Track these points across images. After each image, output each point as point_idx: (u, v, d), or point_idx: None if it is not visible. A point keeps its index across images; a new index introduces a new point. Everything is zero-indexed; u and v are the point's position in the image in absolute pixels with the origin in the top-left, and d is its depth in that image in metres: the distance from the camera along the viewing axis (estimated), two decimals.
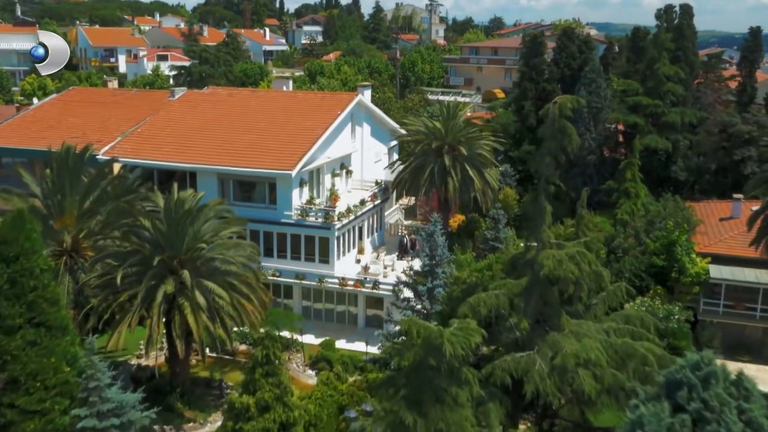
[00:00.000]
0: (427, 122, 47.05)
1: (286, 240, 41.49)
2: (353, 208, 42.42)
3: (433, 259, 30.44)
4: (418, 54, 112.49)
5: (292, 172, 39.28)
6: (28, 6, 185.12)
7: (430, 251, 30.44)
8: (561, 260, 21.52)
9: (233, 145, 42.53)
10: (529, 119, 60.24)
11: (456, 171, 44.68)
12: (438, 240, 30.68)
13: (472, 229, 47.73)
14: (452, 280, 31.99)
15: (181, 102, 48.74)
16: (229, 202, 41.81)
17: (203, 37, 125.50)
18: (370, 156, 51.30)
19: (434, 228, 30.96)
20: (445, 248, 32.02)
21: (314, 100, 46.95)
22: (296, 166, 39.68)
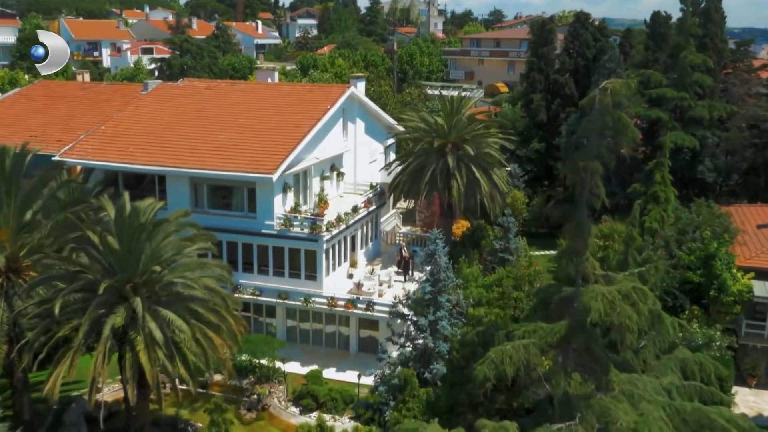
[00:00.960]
0: (428, 118, 41.82)
1: (268, 253, 36.33)
2: (344, 217, 37.24)
3: (435, 285, 25.23)
4: (416, 46, 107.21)
5: (273, 176, 34.10)
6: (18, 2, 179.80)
7: (431, 275, 25.23)
8: (613, 301, 16.38)
9: (208, 145, 37.32)
10: (539, 114, 55.17)
11: (461, 173, 39.50)
12: (441, 260, 25.45)
13: (479, 238, 42.58)
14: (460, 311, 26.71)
15: (152, 96, 43.51)
16: (203, 210, 36.84)
17: (192, 30, 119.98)
18: (365, 156, 46.12)
19: (435, 247, 25.73)
20: (450, 270, 26.70)
21: (301, 93, 41.76)
22: (278, 169, 34.49)
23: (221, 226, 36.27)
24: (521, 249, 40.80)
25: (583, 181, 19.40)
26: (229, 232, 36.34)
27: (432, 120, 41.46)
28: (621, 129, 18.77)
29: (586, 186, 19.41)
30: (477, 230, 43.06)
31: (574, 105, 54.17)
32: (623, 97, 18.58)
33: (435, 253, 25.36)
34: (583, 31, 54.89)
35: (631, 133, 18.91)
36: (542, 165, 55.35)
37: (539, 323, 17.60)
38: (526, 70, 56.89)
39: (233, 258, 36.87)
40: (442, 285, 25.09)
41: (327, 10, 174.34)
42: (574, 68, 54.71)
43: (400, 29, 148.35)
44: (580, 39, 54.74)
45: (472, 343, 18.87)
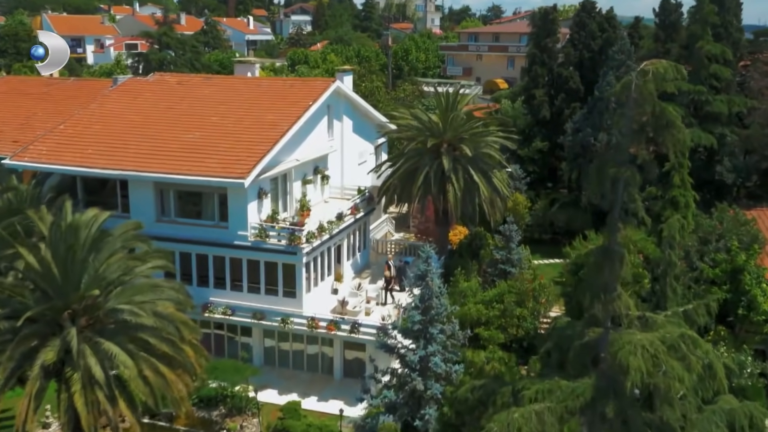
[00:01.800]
0: (421, 115, 37.92)
1: (242, 267, 32.47)
2: (327, 226, 33.36)
3: (426, 313, 21.28)
4: (412, 42, 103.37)
5: (245, 181, 30.21)
6: None
7: (421, 301, 21.30)
8: (656, 355, 12.46)
9: (174, 146, 33.44)
10: (542, 111, 51.24)
11: (457, 176, 35.62)
12: (433, 284, 21.45)
13: (477, 247, 38.71)
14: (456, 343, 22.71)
15: (118, 93, 39.59)
16: (170, 219, 33.00)
17: (180, 26, 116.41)
18: (353, 157, 42.25)
19: (427, 267, 21.75)
20: (444, 294, 22.63)
21: (281, 88, 37.86)
22: (251, 173, 30.61)
23: (190, 237, 32.54)
24: (524, 260, 36.96)
25: (613, 195, 15.46)
26: (198, 243, 32.56)
27: (425, 117, 37.58)
28: (665, 125, 14.87)
29: (618, 201, 15.49)
30: (475, 238, 39.18)
31: (580, 100, 50.33)
32: (669, 84, 14.71)
33: (426, 275, 21.40)
34: (589, 20, 50.98)
35: (678, 132, 15.01)
36: (545, 166, 51.48)
37: (557, 380, 13.71)
38: (528, 64, 52.98)
39: (204, 272, 33.06)
40: (435, 314, 21.12)
41: (321, 6, 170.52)
42: (579, 61, 50.82)
43: (397, 25, 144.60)
44: (585, 29, 50.84)
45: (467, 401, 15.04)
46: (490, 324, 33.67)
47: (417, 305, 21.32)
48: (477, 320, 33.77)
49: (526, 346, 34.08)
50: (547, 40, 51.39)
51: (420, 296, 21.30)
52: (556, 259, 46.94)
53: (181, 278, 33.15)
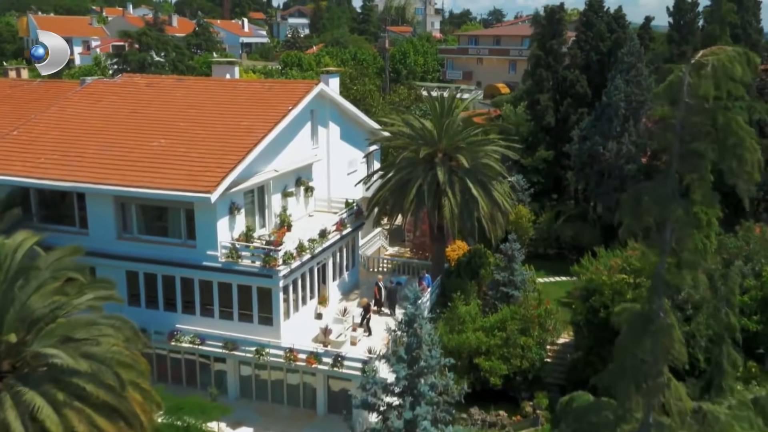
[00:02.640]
0: (413, 121, 34.39)
1: (212, 291, 28.93)
2: (309, 245, 29.83)
3: (413, 365, 17.61)
4: (410, 44, 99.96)
5: (212, 196, 26.69)
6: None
7: (407, 351, 17.64)
8: None
9: (137, 155, 29.92)
10: (546, 117, 47.79)
11: (454, 189, 32.09)
12: (422, 331, 17.75)
13: (477, 266, 35.15)
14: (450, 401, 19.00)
15: (80, 96, 36.15)
16: (133, 237, 29.43)
17: (172, 27, 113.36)
18: (341, 166, 38.74)
19: (416, 312, 18.11)
20: (437, 343, 18.90)
21: (259, 91, 34.37)
22: (219, 186, 27.09)
23: (155, 257, 29.05)
24: (529, 282, 33.38)
25: (659, 240, 11.91)
26: (164, 263, 29.03)
27: (418, 124, 34.05)
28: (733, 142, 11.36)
29: (666, 248, 11.93)
30: (475, 256, 35.59)
31: (587, 105, 46.89)
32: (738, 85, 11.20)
33: (414, 320, 17.75)
34: (596, 20, 47.54)
35: (749, 152, 11.46)
36: (550, 176, 47.97)
37: None
38: (532, 66, 49.55)
39: (171, 296, 29.56)
40: (425, 366, 17.43)
41: (319, 9, 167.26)
42: (586, 64, 47.40)
43: (396, 29, 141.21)
44: (593, 30, 47.40)
45: None
46: (491, 354, 30.21)
47: (402, 357, 17.68)
48: (476, 349, 30.31)
49: (531, 379, 30.59)
50: (553, 42, 47.96)
51: (407, 346, 17.68)
52: (563, 277, 43.41)
53: (147, 302, 29.88)
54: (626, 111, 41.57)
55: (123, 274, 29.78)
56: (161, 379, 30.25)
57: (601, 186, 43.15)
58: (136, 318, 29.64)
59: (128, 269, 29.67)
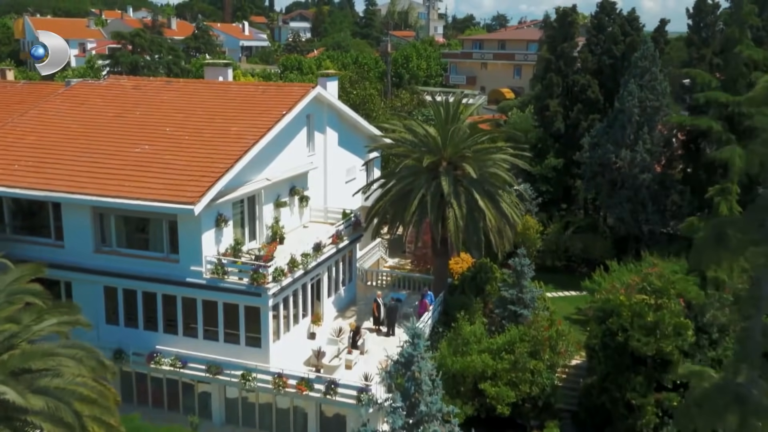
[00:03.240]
0: (416, 127, 32.17)
1: (196, 309, 26.73)
2: (302, 259, 27.62)
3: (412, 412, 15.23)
4: (413, 49, 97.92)
5: (195, 207, 24.50)
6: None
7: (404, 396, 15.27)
8: None
9: (118, 162, 27.77)
10: (555, 124, 45.57)
11: (459, 200, 29.84)
12: (422, 374, 15.40)
13: (483, 282, 32.93)
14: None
15: (62, 98, 34.06)
16: (112, 250, 27.26)
17: (171, 30, 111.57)
18: (339, 174, 36.62)
19: (414, 351, 15.79)
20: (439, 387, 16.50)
21: (252, 94, 32.24)
22: (204, 197, 24.91)
23: (135, 272, 26.89)
24: (539, 300, 31.10)
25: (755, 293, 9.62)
26: (145, 279, 26.83)
27: (421, 130, 31.84)
28: None
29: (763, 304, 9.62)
30: (480, 271, 33.36)
31: (599, 111, 44.66)
32: None
33: (412, 362, 15.44)
34: (608, 23, 45.34)
35: None
36: (559, 185, 45.70)
37: None
38: (542, 71, 47.37)
39: (151, 314, 27.38)
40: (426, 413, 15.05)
41: (321, 13, 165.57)
42: (597, 68, 45.16)
43: (399, 33, 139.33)
44: (605, 32, 45.19)
45: None
46: (498, 378, 27.88)
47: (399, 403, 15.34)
48: (482, 373, 27.99)
49: (541, 406, 28.29)
50: (564, 45, 45.73)
51: (403, 392, 15.37)
52: (572, 292, 41.19)
53: (126, 320, 27.71)
54: (640, 117, 39.31)
55: (101, 290, 27.69)
56: (141, 401, 28.15)
57: (613, 196, 40.90)
58: (115, 337, 27.73)
59: (106, 285, 27.55)
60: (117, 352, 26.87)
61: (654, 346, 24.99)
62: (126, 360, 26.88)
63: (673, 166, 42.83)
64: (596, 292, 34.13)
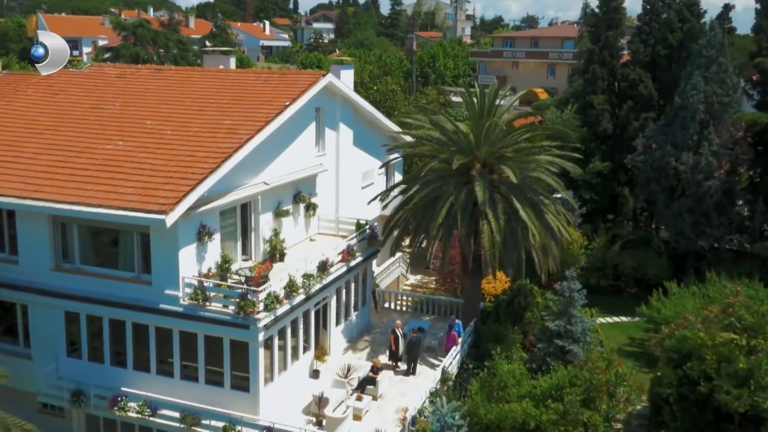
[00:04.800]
0: (445, 123, 26.99)
1: (172, 342, 21.79)
2: (304, 282, 22.59)
3: None
4: (439, 47, 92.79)
5: (167, 217, 19.56)
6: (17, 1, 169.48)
7: None
8: None
9: (84, 161, 22.99)
10: (602, 123, 40.15)
11: (496, 210, 24.62)
12: None
13: (522, 308, 27.74)
14: None
15: (37, 87, 29.50)
16: (75, 268, 22.45)
17: (189, 29, 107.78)
18: (354, 178, 31.60)
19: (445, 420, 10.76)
20: None
21: (253, 83, 27.35)
22: (179, 204, 19.97)
23: (101, 296, 22.02)
24: (591, 333, 25.76)
25: None
26: (112, 305, 21.95)
27: (450, 126, 26.68)
28: None
29: None
30: (518, 295, 28.15)
31: (652, 109, 39.17)
32: None
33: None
34: (663, 8, 39.84)
35: None
36: (606, 193, 40.23)
37: None
38: (584, 63, 42.00)
39: (120, 347, 22.50)
40: None
41: (345, 14, 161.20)
42: (651, 59, 39.64)
43: (425, 34, 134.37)
44: (659, 19, 39.70)
45: None
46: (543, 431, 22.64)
47: None
48: (523, 425, 22.72)
49: None
50: (609, 34, 40.31)
51: None
52: (622, 317, 35.74)
53: (90, 353, 22.91)
54: (705, 115, 33.81)
55: (61, 315, 22.88)
56: None
57: (670, 206, 35.42)
58: (76, 373, 22.85)
59: (67, 310, 22.74)
60: (75, 393, 22.05)
61: (747, 401, 19.57)
62: (86, 403, 22.01)
63: (737, 172, 37.20)
64: (662, 324, 28.67)
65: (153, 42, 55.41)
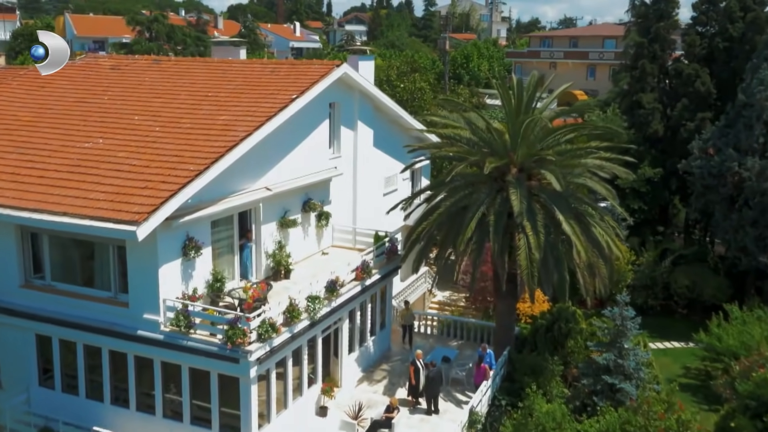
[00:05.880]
0: (477, 121, 23.47)
1: (154, 375, 18.61)
2: (309, 306, 19.26)
3: None
4: (474, 48, 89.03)
5: (139, 229, 16.35)
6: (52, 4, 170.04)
7: None
8: None
9: (58, 162, 19.98)
10: (652, 124, 36.25)
11: (534, 222, 21.00)
12: None
13: (563, 335, 24.09)
14: None
15: (23, 80, 26.81)
16: (46, 285, 19.42)
17: (218, 29, 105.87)
18: (374, 184, 28.20)
19: None
20: None
21: (258, 74, 24.15)
22: (155, 213, 16.77)
23: (74, 318, 18.91)
24: (647, 368, 21.99)
25: None
26: (87, 329, 18.87)
27: (483, 124, 23.15)
28: None
29: None
30: (559, 319, 24.48)
31: (710, 108, 35.18)
32: None
33: None
34: None
35: None
36: (655, 202, 36.32)
37: None
38: (631, 59, 38.08)
39: (96, 377, 19.42)
40: None
41: (378, 16, 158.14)
42: (708, 53, 35.65)
43: (459, 36, 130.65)
44: (717, 8, 35.70)
45: None
46: None
47: None
48: None
49: None
50: (660, 25, 36.40)
51: None
52: (674, 342, 31.84)
53: (63, 383, 19.92)
54: None
55: (32, 338, 19.90)
56: None
57: (730, 218, 31.45)
58: (49, 406, 19.79)
59: (39, 332, 19.75)
60: (43, 430, 19.00)
61: None
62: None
63: None
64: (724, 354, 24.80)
65: (168, 38, 52.92)
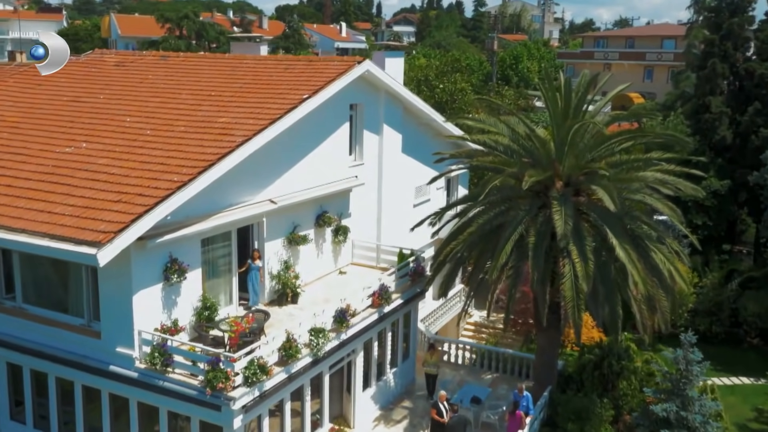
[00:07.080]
0: (517, 126, 20.31)
1: (130, 415, 16.01)
2: (311, 341, 16.42)
3: None
4: (523, 48, 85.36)
5: (99, 253, 13.71)
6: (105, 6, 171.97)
7: None
8: None
9: (31, 168, 17.59)
10: (719, 131, 32.43)
11: (582, 246, 17.74)
12: None
13: (614, 374, 20.73)
14: None
15: (21, 77, 24.81)
16: (18, 309, 17.04)
17: (262, 29, 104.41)
18: (404, 194, 25.25)
19: None
20: None
21: (270, 71, 21.52)
22: (122, 233, 14.12)
23: (45, 347, 16.48)
24: (716, 421, 18.51)
25: None
26: (58, 361, 16.40)
27: (524, 130, 19.96)
28: None
29: None
30: (609, 355, 21.12)
31: None
32: None
33: None
34: None
35: None
36: (722, 217, 32.48)
37: None
38: (700, 57, 34.30)
39: (69, 415, 16.92)
40: None
41: (427, 16, 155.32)
42: None
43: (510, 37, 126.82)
44: None
45: None
46: None
47: None
48: None
49: None
50: (733, 21, 32.57)
51: None
52: (743, 378, 28.06)
53: (35, 418, 17.50)
54: None
55: (2, 368, 17.55)
56: None
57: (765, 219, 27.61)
58: None
59: (9, 361, 17.39)
60: None
61: None
62: None
63: None
64: None
65: (199, 36, 51.03)
